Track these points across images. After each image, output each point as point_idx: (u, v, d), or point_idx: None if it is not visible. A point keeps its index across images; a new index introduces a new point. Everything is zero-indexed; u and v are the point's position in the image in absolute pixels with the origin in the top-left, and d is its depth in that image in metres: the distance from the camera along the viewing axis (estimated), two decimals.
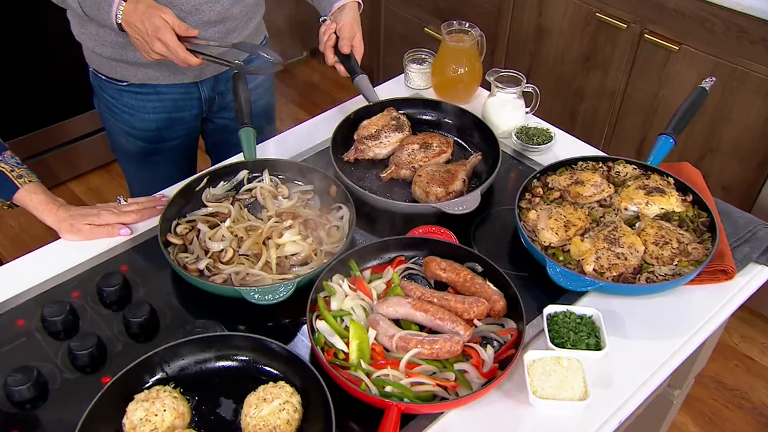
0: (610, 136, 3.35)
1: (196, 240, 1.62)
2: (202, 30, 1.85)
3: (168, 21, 1.65)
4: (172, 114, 2.06)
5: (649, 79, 3.03)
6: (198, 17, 1.84)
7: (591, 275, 1.51)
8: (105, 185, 3.84)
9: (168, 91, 2.00)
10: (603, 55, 3.16)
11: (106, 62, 1.94)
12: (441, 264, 1.55)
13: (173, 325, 1.49)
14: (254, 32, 2.06)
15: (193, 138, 2.21)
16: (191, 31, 1.68)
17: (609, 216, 1.64)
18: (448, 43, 2.08)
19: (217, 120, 2.19)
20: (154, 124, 2.05)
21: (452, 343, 1.37)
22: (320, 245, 1.63)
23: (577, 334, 1.41)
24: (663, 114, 3.05)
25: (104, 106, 2.06)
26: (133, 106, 2.01)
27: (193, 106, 2.08)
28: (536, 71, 3.50)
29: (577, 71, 3.31)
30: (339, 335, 1.41)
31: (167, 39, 1.65)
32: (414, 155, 1.86)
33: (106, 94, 2.02)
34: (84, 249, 1.65)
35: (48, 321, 1.45)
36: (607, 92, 3.23)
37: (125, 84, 1.97)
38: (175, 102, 2.03)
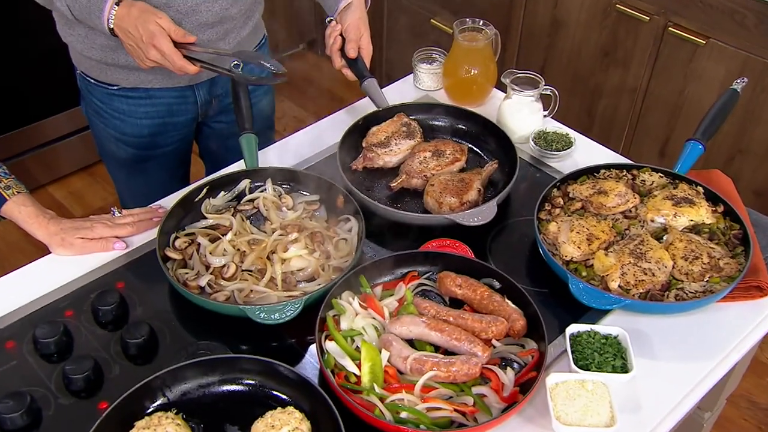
0: (630, 136, 3.38)
1: (196, 254, 1.66)
2: (200, 32, 1.88)
3: (164, 27, 1.67)
4: (166, 119, 2.09)
5: (673, 76, 3.07)
6: (195, 18, 1.87)
7: (616, 292, 1.54)
8: (87, 188, 3.87)
9: (162, 95, 2.03)
10: (623, 50, 3.19)
11: (95, 65, 1.97)
12: (456, 280, 1.59)
13: (173, 345, 1.52)
14: (253, 32, 2.09)
15: (188, 143, 2.24)
16: (189, 37, 1.71)
17: (634, 228, 1.68)
18: (460, 43, 2.11)
19: (213, 124, 2.23)
20: (147, 129, 2.08)
21: (470, 366, 1.40)
22: (328, 260, 1.67)
23: (602, 356, 1.45)
24: (688, 113, 3.09)
25: (93, 110, 2.09)
26: (124, 111, 2.04)
27: (188, 111, 2.11)
28: (551, 67, 3.53)
29: (595, 67, 3.35)
30: (350, 357, 1.44)
31: (163, 46, 1.67)
32: (426, 163, 1.89)
33: (95, 98, 2.05)
34: (77, 265, 1.68)
35: (40, 342, 1.48)
36: (627, 89, 3.26)
37: (116, 88, 2.00)
38: (168, 106, 2.06)
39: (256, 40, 2.15)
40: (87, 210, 3.73)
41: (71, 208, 3.75)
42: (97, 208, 3.74)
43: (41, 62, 3.47)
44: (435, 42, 3.96)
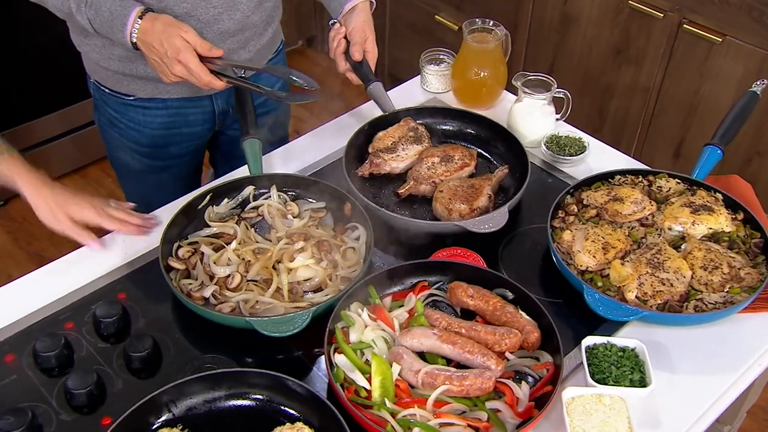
0: (643, 137, 3.40)
1: (199, 264, 1.68)
2: (221, 41, 1.90)
3: (189, 41, 1.67)
4: (183, 129, 2.10)
5: (688, 75, 3.09)
6: (217, 27, 1.88)
7: (633, 303, 1.57)
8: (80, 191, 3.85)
9: (179, 105, 2.04)
10: (636, 48, 3.21)
11: (111, 75, 1.98)
12: (468, 290, 1.61)
13: (177, 359, 1.54)
14: (272, 38, 2.11)
15: (201, 152, 2.27)
16: (215, 51, 1.71)
17: (651, 237, 1.70)
18: (470, 44, 2.13)
19: (229, 132, 2.24)
20: (162, 140, 2.10)
21: (483, 379, 1.42)
22: (335, 269, 1.69)
23: (619, 369, 1.47)
24: (704, 113, 3.11)
25: (106, 120, 2.10)
26: (140, 121, 2.05)
27: (205, 121, 2.12)
28: (560, 65, 3.55)
29: (606, 65, 3.37)
30: (360, 370, 1.46)
31: (189, 62, 1.67)
32: (434, 169, 1.91)
33: (110, 108, 2.06)
34: (76, 275, 1.70)
35: (41, 356, 1.50)
36: (640, 88, 3.28)
37: (132, 98, 2.01)
38: (185, 117, 2.08)
39: (274, 46, 2.17)
40: None
41: None
42: None
43: (32, 62, 3.49)
44: (439, 39, 3.99)
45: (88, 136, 3.87)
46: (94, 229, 1.78)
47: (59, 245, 3.50)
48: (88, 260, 1.75)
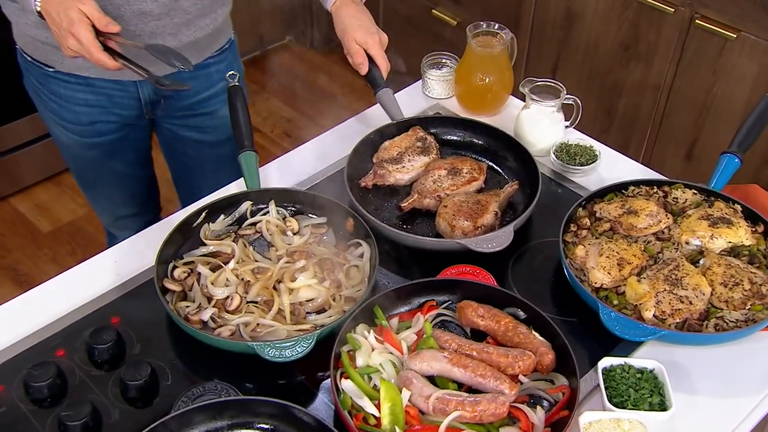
0: (653, 138, 3.45)
1: (196, 285, 1.71)
2: (142, 22, 1.92)
3: (86, 13, 1.69)
4: (108, 109, 2.12)
5: (700, 72, 3.13)
6: (138, 7, 1.90)
7: (651, 322, 1.61)
8: (54, 200, 3.91)
9: (102, 85, 2.07)
10: (646, 44, 3.26)
11: (31, 42, 2.01)
12: (478, 310, 1.65)
13: (175, 386, 1.57)
14: (214, 34, 2.12)
15: (142, 139, 2.29)
16: (112, 27, 1.72)
17: (668, 251, 1.75)
18: (474, 48, 2.17)
19: (168, 125, 2.27)
20: (87, 117, 2.12)
21: (497, 404, 1.46)
22: (339, 289, 1.73)
23: (638, 392, 1.51)
24: (717, 112, 3.16)
25: (32, 90, 2.15)
26: (61, 95, 2.08)
27: (132, 106, 2.15)
28: (565, 63, 3.60)
29: (614, 62, 3.41)
30: (368, 397, 1.50)
31: (81, 35, 1.69)
32: (440, 182, 1.95)
33: (33, 77, 2.10)
34: (66, 299, 1.73)
35: (32, 386, 1.52)
36: (650, 87, 3.33)
37: (52, 70, 2.04)
38: (110, 97, 2.10)
39: (217, 44, 2.18)
40: (55, 224, 3.78)
41: (37, 222, 3.79)
42: (66, 222, 3.78)
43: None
44: (437, 34, 4.04)
45: None
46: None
47: (34, 258, 3.57)
48: (78, 282, 1.78)
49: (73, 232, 3.74)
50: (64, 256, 3.61)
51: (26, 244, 3.68)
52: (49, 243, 3.69)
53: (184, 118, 2.24)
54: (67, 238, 3.71)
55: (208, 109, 2.25)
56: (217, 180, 2.04)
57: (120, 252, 1.86)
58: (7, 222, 3.78)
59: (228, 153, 2.21)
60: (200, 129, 2.28)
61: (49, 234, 3.74)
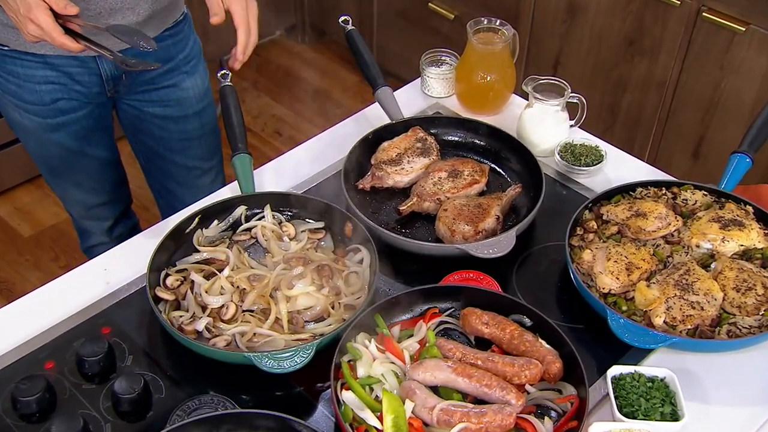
0: (659, 135, 3.46)
1: (190, 294, 1.72)
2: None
3: None
4: (69, 86, 2.12)
5: (708, 67, 3.15)
6: None
7: (661, 329, 1.62)
8: (36, 203, 3.91)
9: (60, 63, 2.07)
10: (651, 38, 3.27)
11: None
12: (482, 317, 1.66)
13: (169, 399, 1.58)
14: (169, 5, 2.13)
15: (104, 118, 2.29)
16: (70, 9, 1.72)
17: (678, 255, 1.76)
18: (475, 45, 2.18)
19: (130, 102, 2.28)
20: (48, 96, 2.12)
21: (504, 415, 1.47)
22: (338, 296, 1.74)
23: (648, 401, 1.52)
24: (725, 108, 3.17)
25: None
26: (19, 74, 2.08)
27: (93, 83, 2.15)
28: (567, 58, 3.61)
29: (618, 57, 3.43)
30: (370, 408, 1.50)
31: (40, 20, 1.69)
32: (440, 185, 1.96)
33: None
34: (55, 308, 1.73)
35: (20, 401, 1.52)
36: (655, 82, 3.34)
37: (7, 48, 2.04)
38: (70, 75, 2.10)
39: (171, 17, 2.20)
40: (37, 228, 3.77)
41: (18, 227, 3.79)
42: (48, 226, 3.78)
43: None
44: (433, 29, 4.05)
45: None
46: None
47: (15, 264, 3.57)
48: (67, 291, 1.78)
49: (56, 237, 3.74)
50: (47, 262, 3.61)
51: (6, 249, 3.68)
52: (30, 248, 3.69)
53: (146, 92, 2.25)
54: (50, 243, 3.71)
55: (170, 82, 2.26)
56: (186, 160, 2.02)
57: (110, 260, 1.87)
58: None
59: (194, 129, 2.24)
60: (163, 103, 2.29)
61: (30, 239, 3.73)
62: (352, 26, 2.23)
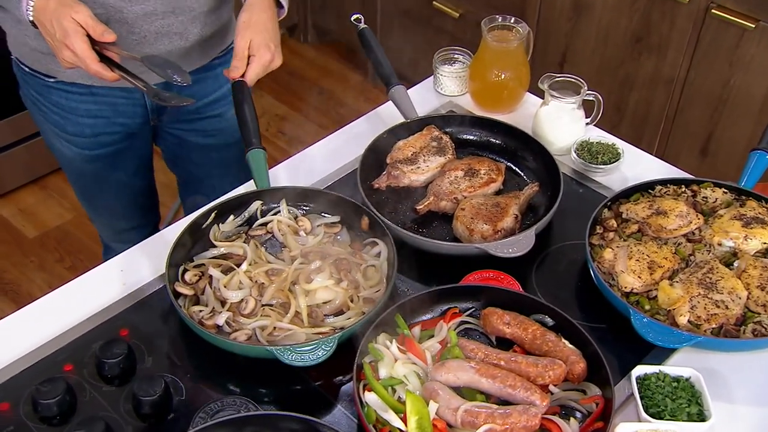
0: (667, 132, 3.46)
1: (209, 289, 1.71)
2: (147, 23, 1.92)
3: (80, 22, 1.68)
4: (112, 119, 2.11)
5: (717, 64, 3.14)
6: (140, 7, 1.90)
7: (686, 328, 1.61)
8: (40, 204, 3.89)
9: (106, 94, 2.06)
10: (658, 35, 3.27)
11: (29, 52, 1.99)
12: (504, 317, 1.65)
13: (189, 401, 1.57)
14: (220, 30, 2.12)
15: (144, 148, 2.28)
16: (108, 36, 1.71)
17: (700, 254, 1.75)
18: (489, 43, 2.17)
19: (172, 131, 2.26)
20: (89, 129, 2.11)
21: (529, 416, 1.46)
22: (357, 290, 1.73)
23: (674, 401, 1.51)
24: (734, 106, 3.16)
25: (30, 102, 2.13)
26: (63, 106, 2.07)
27: (136, 114, 2.14)
28: (573, 55, 3.61)
29: (625, 55, 3.42)
30: (393, 410, 1.49)
31: (76, 46, 1.68)
32: (457, 184, 1.95)
33: (32, 89, 2.09)
34: (72, 310, 1.72)
35: (41, 404, 1.51)
36: (663, 80, 3.34)
37: (53, 80, 2.03)
38: (114, 106, 2.09)
39: (222, 43, 2.18)
40: (41, 229, 3.76)
41: (22, 228, 3.77)
42: (53, 227, 3.77)
43: None
44: (437, 27, 4.04)
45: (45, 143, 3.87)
46: None
47: (20, 265, 3.55)
48: (84, 293, 1.77)
49: (61, 238, 3.72)
50: (52, 263, 3.60)
51: (11, 251, 3.66)
52: (35, 249, 3.67)
53: (190, 122, 2.23)
54: (55, 244, 3.69)
55: (215, 112, 2.25)
56: (224, 187, 2.03)
57: (126, 261, 1.85)
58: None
59: (234, 156, 2.21)
60: (206, 133, 2.28)
61: (35, 240, 3.72)
62: (365, 24, 2.22)
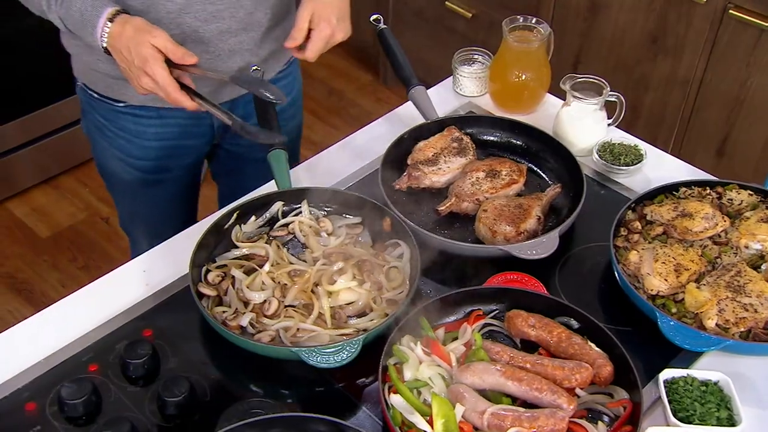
0: (682, 133, 3.46)
1: (231, 290, 1.71)
2: (221, 41, 1.92)
3: (159, 47, 1.67)
4: (179, 141, 2.12)
5: (733, 65, 3.14)
6: (216, 26, 1.90)
7: (713, 331, 1.61)
8: (53, 204, 3.89)
9: (173, 116, 2.06)
10: (675, 36, 3.26)
11: (101, 78, 2.00)
12: (529, 319, 1.64)
13: (214, 402, 1.56)
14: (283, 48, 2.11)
15: (199, 166, 2.29)
16: (188, 59, 1.70)
17: (727, 256, 1.74)
18: (510, 44, 2.17)
19: (229, 147, 2.26)
20: (155, 152, 2.11)
21: (556, 420, 1.45)
22: (380, 291, 1.73)
23: (704, 406, 1.50)
24: (751, 107, 3.16)
25: (95, 127, 2.12)
26: (131, 131, 2.07)
27: (203, 134, 2.14)
28: (588, 56, 3.60)
29: (640, 55, 3.42)
30: (420, 412, 1.49)
31: (156, 74, 1.66)
32: (479, 185, 1.94)
33: (99, 114, 2.08)
34: (96, 311, 1.71)
35: (67, 404, 1.51)
36: (679, 80, 3.33)
37: (123, 105, 2.03)
38: (182, 128, 2.09)
39: (286, 56, 2.18)
40: (54, 229, 3.76)
41: (35, 227, 3.77)
42: (66, 227, 3.77)
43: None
44: (449, 28, 4.03)
45: (57, 143, 3.88)
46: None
47: (33, 264, 3.55)
48: (107, 293, 1.77)
49: (74, 237, 3.73)
50: (65, 263, 3.60)
51: (24, 250, 3.66)
52: (48, 249, 3.67)
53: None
54: (67, 244, 3.69)
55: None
56: None
57: (148, 261, 1.85)
58: (3, 227, 3.76)
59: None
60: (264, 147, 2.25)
61: (48, 239, 3.72)
62: (384, 24, 2.21)
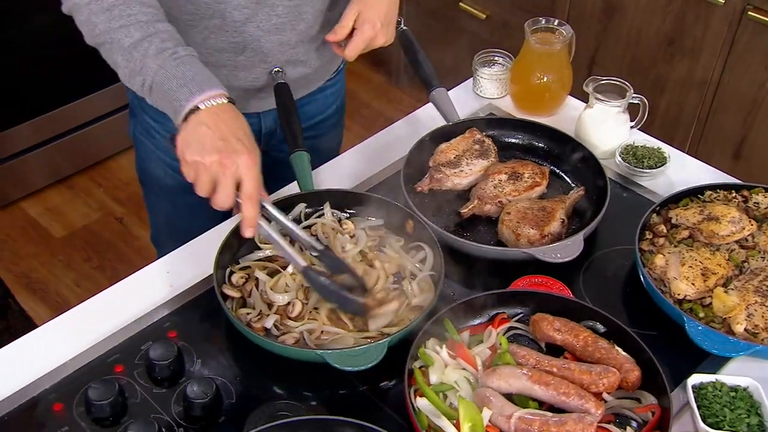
0: (698, 136, 3.45)
1: (255, 291, 1.71)
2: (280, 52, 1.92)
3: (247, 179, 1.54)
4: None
5: (752, 66, 3.13)
6: (277, 38, 1.90)
7: (742, 336, 1.60)
8: (67, 204, 3.90)
9: None
10: (692, 38, 3.25)
11: None
12: (554, 323, 1.63)
13: (239, 404, 1.56)
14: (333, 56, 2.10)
15: None
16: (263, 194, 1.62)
17: (754, 260, 1.73)
18: (532, 45, 2.16)
19: (274, 153, 2.25)
20: None
21: (584, 425, 1.44)
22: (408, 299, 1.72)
23: (733, 412, 1.49)
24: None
25: (143, 130, 2.11)
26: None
27: None
28: (603, 57, 3.59)
29: (657, 57, 3.41)
30: (446, 416, 1.48)
31: (248, 182, 1.54)
32: (501, 187, 1.94)
33: (149, 116, 2.07)
34: (120, 312, 1.72)
35: (94, 405, 1.50)
36: (696, 82, 3.33)
37: None
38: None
39: (333, 65, 2.18)
40: (69, 229, 3.76)
41: (49, 227, 3.78)
42: (80, 227, 3.77)
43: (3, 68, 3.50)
44: (462, 28, 4.03)
45: (71, 143, 3.89)
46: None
47: (48, 264, 3.56)
48: (131, 294, 1.77)
49: (88, 237, 3.73)
50: (80, 263, 3.61)
51: (39, 250, 3.67)
52: (63, 249, 3.68)
53: None
54: (82, 244, 3.70)
55: (318, 132, 2.24)
56: None
57: (172, 262, 1.85)
58: (18, 227, 3.77)
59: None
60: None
61: (62, 239, 3.73)
62: (405, 26, 2.21)
